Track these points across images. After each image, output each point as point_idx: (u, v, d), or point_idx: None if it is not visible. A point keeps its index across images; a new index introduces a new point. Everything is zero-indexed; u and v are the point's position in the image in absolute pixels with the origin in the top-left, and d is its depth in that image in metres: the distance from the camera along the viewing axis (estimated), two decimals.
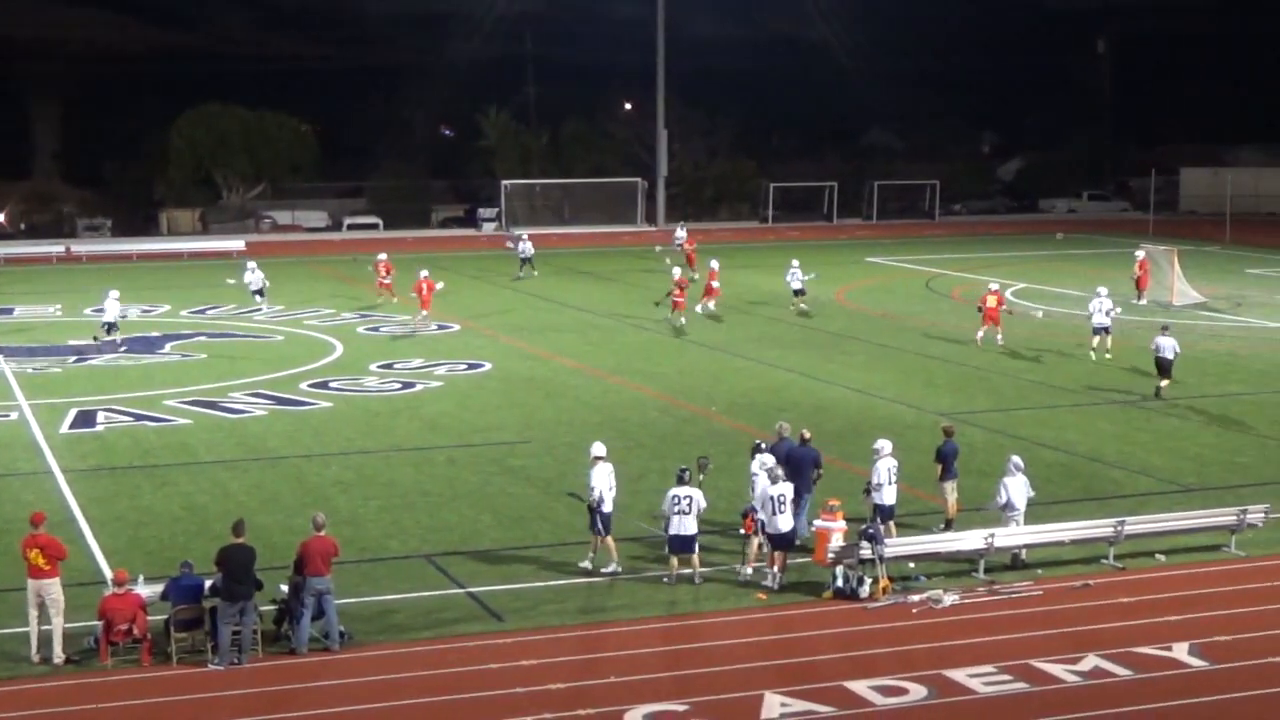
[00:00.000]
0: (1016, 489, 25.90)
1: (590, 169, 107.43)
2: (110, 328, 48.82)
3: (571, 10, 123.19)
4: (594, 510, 25.33)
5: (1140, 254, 60.05)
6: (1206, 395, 40.60)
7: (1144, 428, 36.81)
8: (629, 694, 20.16)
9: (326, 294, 63.04)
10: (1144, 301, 58.11)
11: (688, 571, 24.67)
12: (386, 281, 59.39)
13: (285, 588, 22.15)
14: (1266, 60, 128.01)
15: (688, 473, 25.08)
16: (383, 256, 60.88)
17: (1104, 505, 29.13)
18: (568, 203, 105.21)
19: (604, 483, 25.36)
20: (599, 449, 25.96)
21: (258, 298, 57.81)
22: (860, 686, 20.39)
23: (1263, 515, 26.94)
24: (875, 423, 35.55)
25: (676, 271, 55.74)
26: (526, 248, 70.72)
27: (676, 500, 24.52)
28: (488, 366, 45.46)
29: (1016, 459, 26.47)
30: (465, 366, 45.46)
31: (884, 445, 26.70)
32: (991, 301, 48.52)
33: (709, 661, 21.54)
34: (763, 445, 26.65)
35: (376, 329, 53.60)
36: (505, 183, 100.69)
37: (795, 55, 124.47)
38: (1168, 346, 40.24)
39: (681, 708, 19.79)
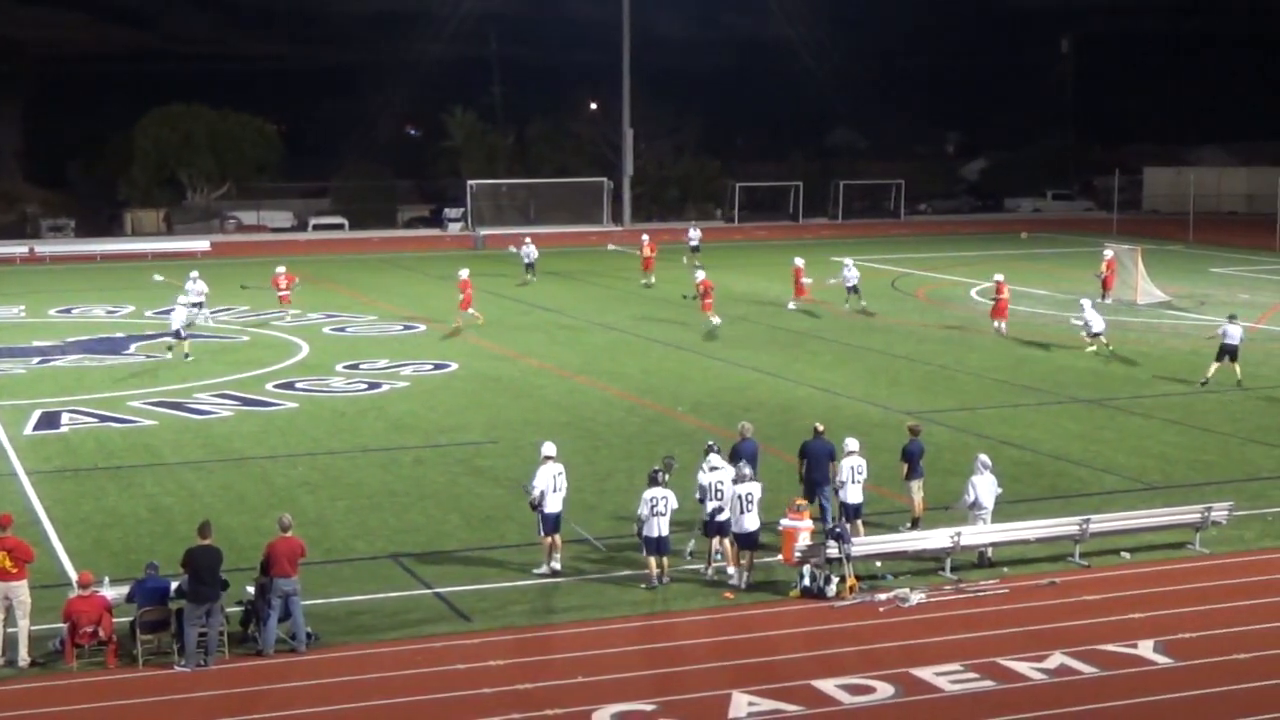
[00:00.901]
0: (984, 487, 25.98)
1: (556, 169, 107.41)
2: (179, 335, 46.62)
3: (536, 10, 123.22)
4: (535, 509, 25.34)
5: (1109, 253, 60.33)
6: (1170, 394, 40.80)
7: (1108, 426, 36.98)
8: (597, 694, 20.17)
9: (293, 295, 62.66)
10: (1109, 301, 58.31)
11: (657, 571, 24.66)
12: (285, 293, 56.04)
13: (251, 589, 22.09)
14: (1228, 60, 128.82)
15: (660, 474, 25.05)
16: (281, 269, 57.45)
17: (1069, 504, 29.26)
18: (534, 202, 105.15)
19: (547, 483, 25.31)
20: (548, 449, 25.93)
21: (195, 310, 53.56)
22: (827, 685, 20.43)
23: (1226, 513, 27.11)
24: (842, 422, 35.58)
25: (700, 274, 54.79)
26: (530, 251, 68.35)
27: (654, 502, 24.48)
28: (454, 366, 45.40)
29: (984, 457, 26.55)
30: (431, 367, 45.39)
31: (851, 444, 26.77)
32: (1006, 294, 51.18)
33: (676, 661, 21.56)
34: (714, 445, 26.59)
35: (342, 329, 53.45)
36: (471, 183, 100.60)
37: (760, 55, 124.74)
38: (1235, 334, 42.07)
39: (649, 707, 19.80)
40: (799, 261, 58.91)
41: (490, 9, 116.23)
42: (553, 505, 25.30)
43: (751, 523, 24.74)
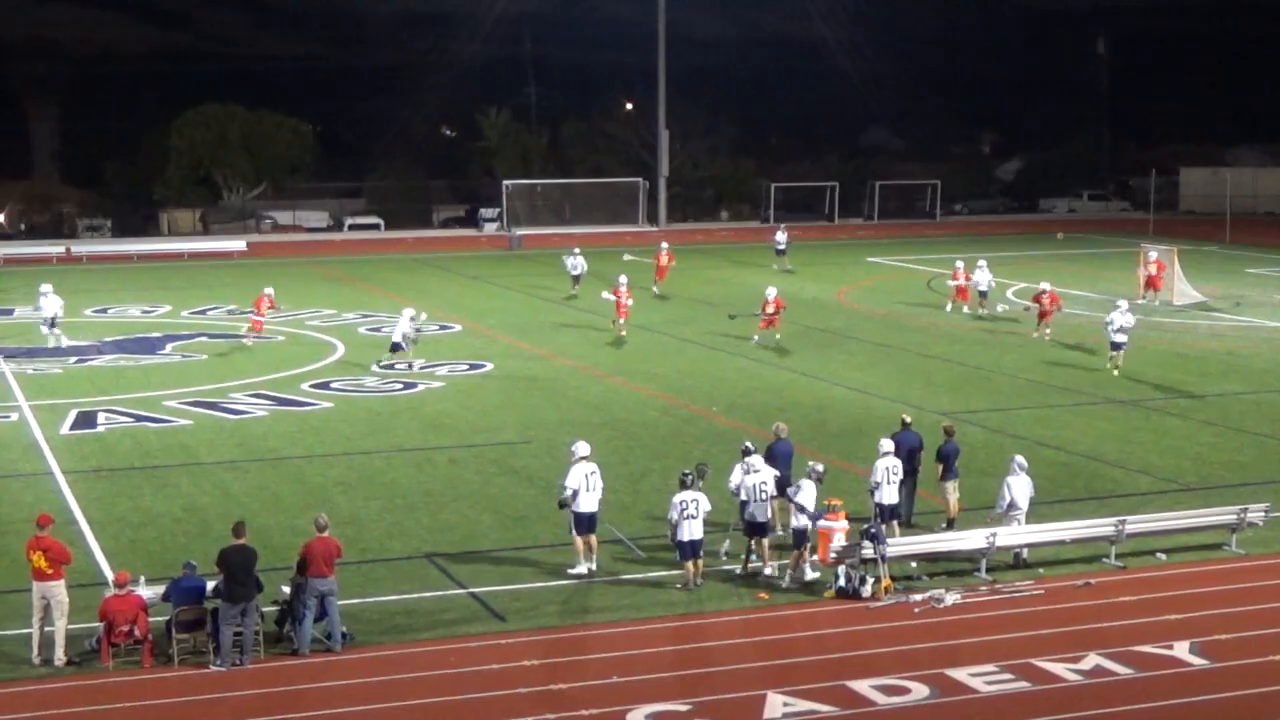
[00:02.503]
0: (1020, 488, 25.92)
1: (591, 169, 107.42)
2: (395, 347, 44.50)
3: (572, 10, 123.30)
4: (563, 508, 25.45)
5: (1154, 254, 60.11)
6: (1207, 394, 40.62)
7: (1144, 427, 36.83)
8: (631, 694, 20.17)
9: (327, 294, 62.87)
10: (1147, 300, 58.11)
11: (693, 573, 24.61)
12: (262, 318, 50.35)
13: (286, 589, 22.16)
14: (1265, 60, 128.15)
15: (690, 477, 25.01)
16: (270, 290, 51.59)
17: (1105, 504, 29.16)
18: (568, 203, 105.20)
19: (580, 482, 25.29)
20: (582, 448, 25.89)
21: (47, 330, 49.77)
22: (862, 686, 20.40)
23: (1263, 514, 26.98)
24: (876, 423, 35.50)
25: (771, 292, 50.15)
26: (579, 263, 62.78)
27: (684, 505, 24.42)
28: (489, 367, 45.46)
29: (1020, 459, 26.47)
30: (466, 367, 45.45)
31: (886, 445, 26.73)
32: (1046, 301, 50.14)
33: (711, 661, 21.56)
34: (751, 447, 26.55)
35: (377, 329, 53.53)
36: (506, 183, 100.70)
37: (796, 55, 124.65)
38: None
39: (684, 708, 19.80)
40: (959, 264, 58.02)
41: (524, 9, 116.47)
42: (587, 505, 25.28)
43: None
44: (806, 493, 24.89)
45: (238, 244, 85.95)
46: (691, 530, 24.36)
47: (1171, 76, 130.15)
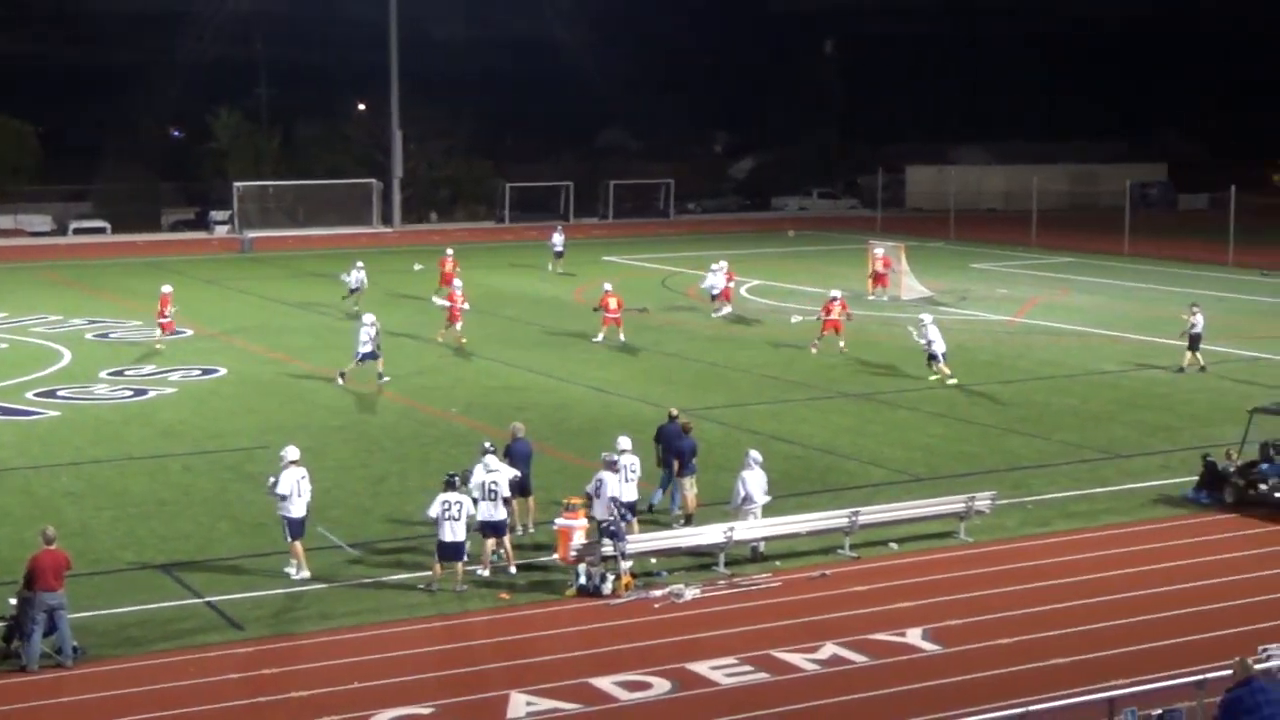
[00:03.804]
0: (754, 482, 26.36)
1: (326, 170, 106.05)
2: (372, 356, 42.11)
3: (304, 9, 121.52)
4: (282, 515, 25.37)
5: (880, 250, 61.57)
6: (936, 387, 41.76)
7: (876, 420, 37.76)
8: (373, 699, 20.05)
9: (52, 300, 61.00)
10: (874, 298, 59.57)
11: (445, 574, 24.48)
12: (169, 319, 49.07)
13: (14, 603, 21.50)
14: (989, 62, 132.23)
15: (455, 479, 24.89)
16: (167, 289, 49.62)
17: (839, 496, 29.82)
18: (302, 205, 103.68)
19: (292, 487, 25.18)
20: (292, 453, 25.80)
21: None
22: (604, 683, 20.57)
23: (989, 502, 27.89)
24: (615, 420, 35.80)
25: (607, 285, 50.64)
26: (361, 277, 58.34)
27: (447, 506, 24.33)
28: (222, 372, 44.60)
29: (754, 453, 26.94)
30: (199, 372, 44.51)
31: (624, 442, 26.97)
32: (836, 311, 47.68)
33: (454, 663, 21.53)
34: (491, 447, 26.56)
35: (105, 335, 52.10)
36: (237, 184, 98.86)
37: (534, 56, 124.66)
38: (1200, 323, 43.33)
39: (427, 711, 19.75)
40: (723, 264, 57.66)
41: (255, 7, 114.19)
42: (298, 510, 25.17)
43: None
44: (610, 484, 25.32)
45: None
46: (454, 531, 24.27)
47: (900, 77, 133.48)
